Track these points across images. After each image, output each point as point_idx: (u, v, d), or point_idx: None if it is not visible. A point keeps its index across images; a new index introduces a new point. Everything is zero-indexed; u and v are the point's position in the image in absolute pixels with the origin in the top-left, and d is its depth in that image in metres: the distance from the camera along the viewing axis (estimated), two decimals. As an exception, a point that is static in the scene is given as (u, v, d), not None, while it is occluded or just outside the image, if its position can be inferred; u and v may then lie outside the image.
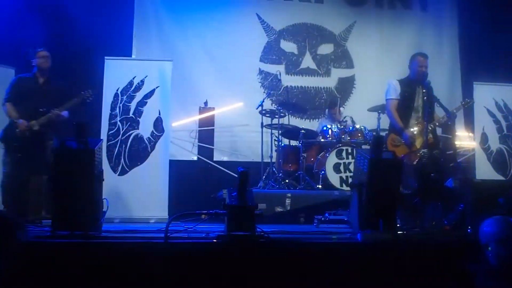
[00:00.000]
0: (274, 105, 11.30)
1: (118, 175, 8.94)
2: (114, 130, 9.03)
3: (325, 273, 4.98)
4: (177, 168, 9.89)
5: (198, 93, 11.40)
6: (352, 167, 9.00)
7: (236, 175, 5.40)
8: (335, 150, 9.38)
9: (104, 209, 5.79)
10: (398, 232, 5.83)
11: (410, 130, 7.64)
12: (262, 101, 10.23)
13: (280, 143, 10.17)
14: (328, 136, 9.82)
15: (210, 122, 11.07)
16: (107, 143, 8.91)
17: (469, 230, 5.97)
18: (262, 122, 10.26)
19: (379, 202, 5.58)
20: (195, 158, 10.98)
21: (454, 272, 4.88)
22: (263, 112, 10.16)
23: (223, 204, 5.27)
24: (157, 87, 9.23)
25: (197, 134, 11.02)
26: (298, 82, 12.20)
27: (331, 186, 9.21)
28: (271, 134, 10.31)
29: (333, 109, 10.98)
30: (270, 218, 8.06)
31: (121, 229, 6.40)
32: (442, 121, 7.70)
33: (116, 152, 8.95)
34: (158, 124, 9.14)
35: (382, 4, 12.66)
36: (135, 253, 4.84)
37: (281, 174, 9.71)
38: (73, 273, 4.61)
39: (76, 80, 8.78)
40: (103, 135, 8.92)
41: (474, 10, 12.11)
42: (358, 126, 9.87)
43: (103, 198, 5.76)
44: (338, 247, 5.39)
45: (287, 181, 9.67)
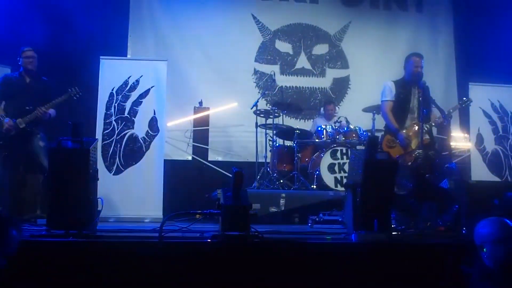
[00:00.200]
0: (268, 105, 11.30)
1: (113, 175, 8.94)
2: (109, 130, 9.02)
3: (319, 273, 4.97)
4: (171, 167, 9.91)
5: (193, 93, 11.43)
6: (346, 168, 9.02)
7: (230, 175, 5.39)
8: (330, 151, 9.39)
9: (99, 208, 5.77)
10: (393, 232, 5.82)
11: (405, 131, 7.64)
12: (257, 101, 10.23)
13: (274, 143, 10.18)
14: (322, 136, 9.83)
15: (205, 122, 11.07)
16: (102, 143, 8.91)
17: (464, 231, 5.97)
18: (256, 122, 10.26)
19: (374, 203, 5.57)
20: (190, 158, 10.99)
21: (449, 273, 4.89)
22: (258, 112, 10.16)
23: (218, 204, 5.26)
24: (152, 87, 9.23)
25: (191, 134, 11.04)
26: (293, 82, 12.24)
27: (326, 187, 9.22)
28: (266, 134, 10.29)
29: (328, 105, 11.02)
30: (265, 218, 8.09)
31: (115, 228, 6.41)
32: (438, 121, 7.69)
33: (111, 151, 8.95)
34: (153, 123, 9.14)
35: (377, 4, 12.70)
36: (130, 252, 4.83)
37: (275, 174, 9.71)
38: (67, 272, 4.60)
39: (71, 79, 8.77)
40: (98, 135, 8.92)
41: (469, 11, 12.17)
42: (352, 127, 9.89)
43: (98, 197, 5.75)
44: (333, 248, 5.38)
45: (282, 181, 9.66)
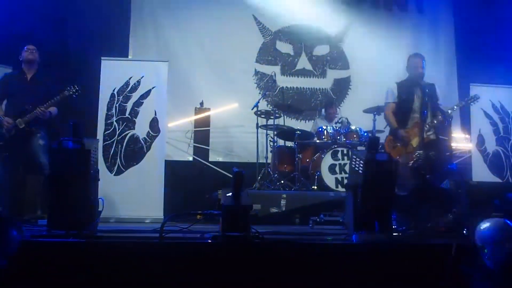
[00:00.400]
0: (269, 106, 11.30)
1: (114, 175, 8.93)
2: (110, 130, 9.02)
3: (320, 274, 4.97)
4: (172, 168, 9.90)
5: (194, 93, 11.42)
6: (347, 168, 9.00)
7: (231, 176, 5.39)
8: (331, 151, 9.38)
9: (99, 208, 5.78)
10: (394, 233, 5.83)
11: (404, 130, 7.68)
12: (258, 101, 10.23)
13: (275, 144, 10.17)
14: (323, 137, 9.82)
15: (205, 122, 11.07)
16: (103, 143, 8.90)
17: (465, 232, 5.97)
18: (257, 123, 10.26)
19: (374, 204, 5.57)
20: (191, 158, 11.00)
21: (450, 274, 4.89)
22: (259, 112, 10.16)
23: (218, 204, 5.28)
24: (153, 88, 9.22)
25: (192, 134, 11.04)
26: (294, 83, 12.23)
27: (327, 187, 9.20)
28: (267, 135, 10.29)
29: (330, 108, 11.01)
30: (265, 219, 8.07)
31: (116, 229, 6.41)
32: (439, 119, 7.73)
33: (112, 152, 8.95)
34: (154, 124, 9.13)
35: (378, 5, 12.69)
36: (130, 253, 4.83)
37: (276, 175, 9.70)
38: (68, 272, 4.60)
39: (72, 80, 8.75)
40: (99, 135, 8.91)
41: (470, 12, 12.14)
42: (353, 127, 9.88)
43: (99, 197, 5.75)
44: (333, 248, 5.37)
45: (282, 182, 9.64)
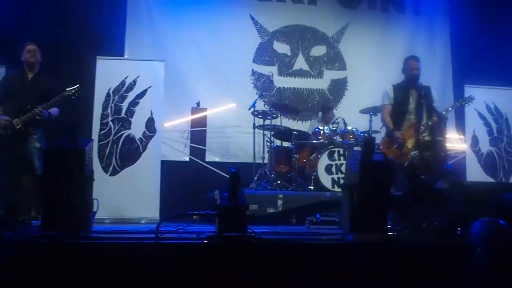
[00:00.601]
0: (266, 106, 11.30)
1: (109, 175, 8.94)
2: (105, 130, 9.02)
3: (316, 274, 4.97)
4: (168, 168, 9.88)
5: (190, 93, 11.40)
6: (343, 169, 9.02)
7: (227, 176, 5.38)
8: (327, 152, 9.39)
9: (94, 209, 5.78)
10: (389, 233, 5.83)
11: (400, 131, 7.69)
12: (255, 102, 10.24)
13: (272, 144, 10.15)
14: (320, 137, 9.82)
15: (202, 122, 11.07)
16: (99, 143, 8.90)
17: (458, 232, 5.97)
18: (254, 123, 10.27)
19: (370, 204, 5.57)
20: (187, 158, 10.98)
21: (444, 273, 4.90)
22: (256, 113, 10.17)
23: (215, 204, 5.26)
24: (149, 87, 9.23)
25: (189, 134, 11.02)
26: (291, 84, 12.22)
27: (323, 187, 9.21)
28: (263, 135, 10.31)
29: (327, 113, 11.00)
30: (262, 219, 8.08)
31: (111, 229, 6.39)
32: (434, 121, 7.74)
33: (107, 152, 8.95)
34: (150, 124, 9.14)
35: (375, 7, 12.70)
36: (126, 253, 4.82)
37: (273, 175, 9.71)
38: (62, 273, 4.59)
39: (67, 79, 8.73)
40: (95, 135, 8.92)
41: (466, 14, 12.15)
42: (350, 128, 9.89)
43: (94, 198, 5.75)
44: (329, 248, 5.38)
45: (279, 182, 9.66)
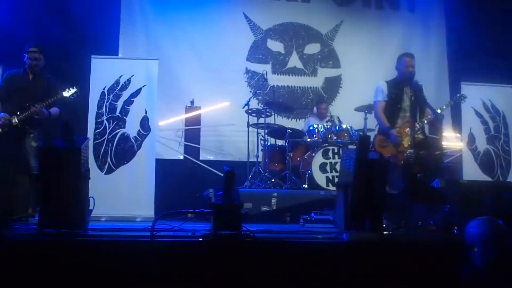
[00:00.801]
0: (260, 104, 11.34)
1: (105, 174, 8.93)
2: (100, 129, 9.01)
3: (310, 272, 4.98)
4: (163, 167, 9.88)
5: (184, 92, 11.41)
6: (338, 167, 9.03)
7: (222, 174, 5.39)
8: (322, 150, 9.39)
9: (90, 207, 5.77)
10: (384, 232, 5.83)
11: (396, 130, 7.66)
12: (249, 100, 10.25)
13: (266, 143, 10.15)
14: (314, 135, 9.84)
15: (196, 121, 11.07)
16: (94, 142, 8.89)
17: (455, 231, 5.98)
18: (248, 122, 10.27)
19: (365, 202, 5.57)
20: (182, 157, 10.98)
21: (440, 272, 4.90)
22: (250, 111, 10.17)
23: (209, 203, 5.26)
24: (143, 86, 9.22)
25: (183, 133, 11.03)
26: (285, 82, 12.23)
27: (317, 186, 9.22)
28: (257, 133, 10.32)
29: (321, 104, 11.02)
30: (256, 218, 8.08)
31: (107, 227, 6.39)
32: (430, 119, 7.70)
33: (102, 150, 8.94)
34: (145, 123, 9.13)
35: (369, 4, 12.73)
36: (121, 251, 4.82)
37: (267, 174, 9.72)
38: (59, 271, 4.59)
39: (62, 78, 8.71)
40: (90, 134, 8.91)
41: (461, 11, 12.16)
42: (344, 126, 9.90)
43: (90, 196, 5.74)
44: (324, 247, 5.37)
45: (273, 180, 9.66)
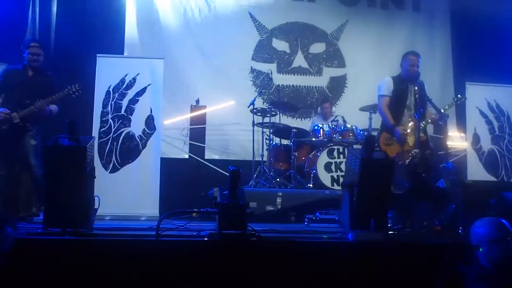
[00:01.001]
0: (265, 103, 11.34)
1: (110, 173, 8.91)
2: (105, 128, 9.00)
3: (315, 272, 4.97)
4: (168, 166, 9.87)
5: (189, 91, 11.43)
6: (343, 167, 9.02)
7: (227, 174, 5.38)
8: (327, 149, 9.38)
9: (95, 206, 5.77)
10: (389, 232, 5.83)
11: (401, 127, 7.64)
12: (254, 99, 10.23)
13: (271, 142, 10.13)
14: (319, 135, 9.83)
15: (201, 120, 11.07)
16: (99, 141, 8.88)
17: (460, 231, 5.97)
18: (253, 121, 10.25)
19: (370, 202, 5.57)
20: (187, 156, 10.99)
21: (445, 273, 4.89)
22: (255, 110, 10.15)
23: (214, 202, 5.26)
24: (149, 85, 9.20)
25: (188, 132, 11.03)
26: (290, 81, 12.23)
27: (322, 185, 9.21)
28: (263, 132, 10.31)
29: (325, 103, 11.01)
30: (261, 217, 8.06)
31: (112, 226, 6.40)
32: (434, 118, 7.68)
33: (107, 149, 8.93)
34: (150, 122, 9.12)
35: (374, 3, 12.72)
36: (127, 250, 4.82)
37: (272, 173, 9.69)
38: (63, 270, 4.59)
39: (67, 76, 8.72)
40: (95, 133, 8.89)
41: (466, 11, 12.13)
42: (349, 126, 9.89)
43: (95, 195, 5.74)
44: (329, 247, 5.37)
45: (278, 180, 9.64)
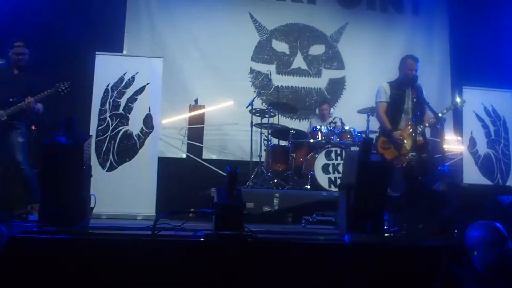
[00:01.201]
0: (264, 104, 11.32)
1: (106, 171, 8.92)
2: (103, 126, 9.01)
3: (312, 273, 4.97)
4: (165, 165, 9.88)
5: (188, 90, 11.42)
6: (340, 168, 9.03)
7: (225, 174, 5.38)
8: (324, 151, 9.37)
9: (91, 205, 5.76)
10: (385, 234, 5.84)
11: (398, 132, 7.65)
12: (253, 100, 10.22)
13: (269, 143, 10.16)
14: (317, 136, 9.82)
15: (200, 120, 11.06)
16: (96, 139, 8.89)
17: (455, 234, 5.97)
18: (252, 121, 10.22)
19: (367, 204, 5.57)
20: (184, 155, 10.99)
21: (440, 275, 4.90)
22: (253, 111, 10.15)
23: (211, 202, 5.27)
24: (147, 84, 9.22)
25: (186, 131, 11.03)
26: (289, 82, 12.23)
27: (320, 187, 9.20)
28: (261, 133, 10.28)
29: (323, 105, 11.01)
30: (258, 218, 8.08)
31: (108, 225, 6.39)
32: (432, 122, 7.68)
33: (104, 148, 8.94)
34: (148, 120, 9.13)
35: (374, 6, 12.71)
36: (122, 250, 4.82)
37: (269, 174, 9.70)
38: (59, 269, 4.59)
39: (66, 74, 8.70)
40: (92, 131, 8.89)
41: (464, 15, 12.19)
42: (347, 128, 9.89)
43: (91, 194, 5.74)
44: (325, 248, 5.37)
45: (276, 180, 9.65)
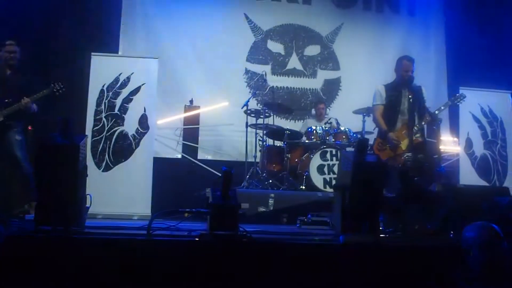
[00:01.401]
0: (259, 105, 11.34)
1: (102, 171, 8.93)
2: (99, 126, 9.01)
3: (307, 274, 4.97)
4: (161, 165, 9.87)
5: (183, 91, 11.42)
6: (336, 169, 9.03)
7: (220, 174, 5.38)
8: (320, 152, 9.38)
9: (87, 205, 5.76)
10: (381, 235, 5.84)
11: (393, 134, 7.65)
12: (248, 100, 10.24)
13: (264, 143, 10.14)
14: (312, 137, 9.83)
15: (195, 120, 11.07)
16: (92, 139, 8.89)
17: (451, 235, 5.98)
18: (247, 122, 10.24)
19: (362, 205, 5.57)
20: (179, 156, 10.99)
21: (436, 276, 4.91)
22: (248, 112, 10.15)
23: (206, 202, 5.27)
24: (143, 84, 9.22)
25: (181, 132, 11.03)
26: (284, 83, 12.23)
27: (315, 188, 9.21)
28: (256, 134, 10.30)
29: (319, 104, 11.01)
30: (253, 218, 8.08)
31: (104, 225, 6.38)
32: (427, 120, 7.67)
33: (100, 148, 8.94)
34: (143, 121, 9.13)
35: (370, 7, 12.72)
36: (118, 249, 4.81)
37: (265, 174, 9.71)
38: (55, 268, 4.59)
39: (61, 75, 8.70)
40: (88, 131, 8.89)
41: (461, 16, 12.18)
42: (343, 128, 9.90)
43: (87, 194, 5.73)
44: (320, 249, 5.37)
45: (271, 181, 9.65)
